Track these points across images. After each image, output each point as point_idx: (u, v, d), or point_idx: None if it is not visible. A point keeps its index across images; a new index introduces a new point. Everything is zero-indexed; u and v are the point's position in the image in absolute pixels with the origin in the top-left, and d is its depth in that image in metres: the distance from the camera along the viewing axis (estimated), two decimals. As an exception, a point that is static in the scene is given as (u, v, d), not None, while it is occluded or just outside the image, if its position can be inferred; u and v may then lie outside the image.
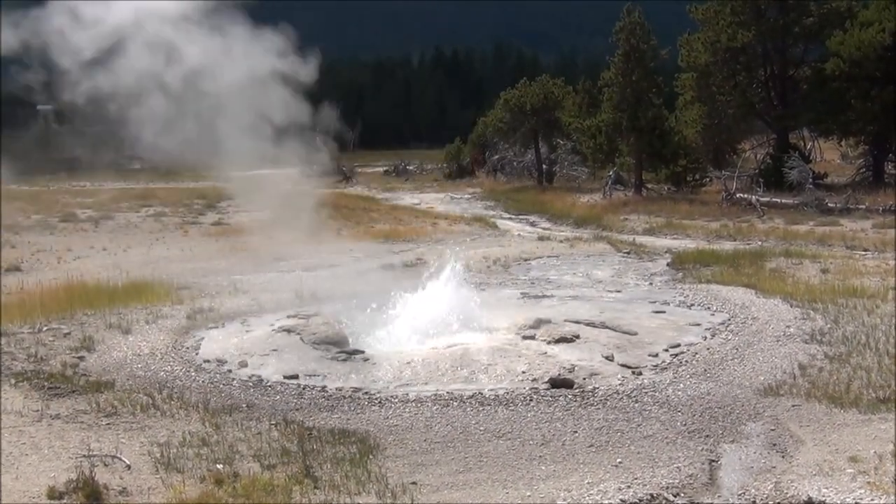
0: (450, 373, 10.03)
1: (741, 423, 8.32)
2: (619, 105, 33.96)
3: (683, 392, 9.24)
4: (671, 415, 8.55)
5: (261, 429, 8.25)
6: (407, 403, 9.08)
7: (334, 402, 9.22)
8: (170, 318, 13.03)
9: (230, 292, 15.29)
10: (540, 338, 11.21)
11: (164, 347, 11.40)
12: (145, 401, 9.00)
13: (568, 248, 21.18)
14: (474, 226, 27.17)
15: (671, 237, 24.35)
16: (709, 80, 33.91)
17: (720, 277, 15.97)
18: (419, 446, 7.90)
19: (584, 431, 8.14)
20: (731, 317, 12.69)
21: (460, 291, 12.66)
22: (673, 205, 29.99)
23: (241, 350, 11.21)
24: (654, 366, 10.30)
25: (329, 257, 20.29)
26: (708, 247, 20.80)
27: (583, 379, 9.73)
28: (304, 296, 14.48)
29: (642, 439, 7.91)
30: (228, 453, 7.53)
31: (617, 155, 35.76)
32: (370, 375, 10.08)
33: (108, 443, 7.78)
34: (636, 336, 11.56)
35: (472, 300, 12.44)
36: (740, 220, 25.94)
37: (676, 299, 14.34)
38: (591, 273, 17.68)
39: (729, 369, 10.04)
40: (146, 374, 10.27)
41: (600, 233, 25.06)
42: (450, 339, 11.24)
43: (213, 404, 9.02)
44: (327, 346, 11.14)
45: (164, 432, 8.11)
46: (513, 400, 9.09)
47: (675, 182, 35.20)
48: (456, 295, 12.46)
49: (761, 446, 7.76)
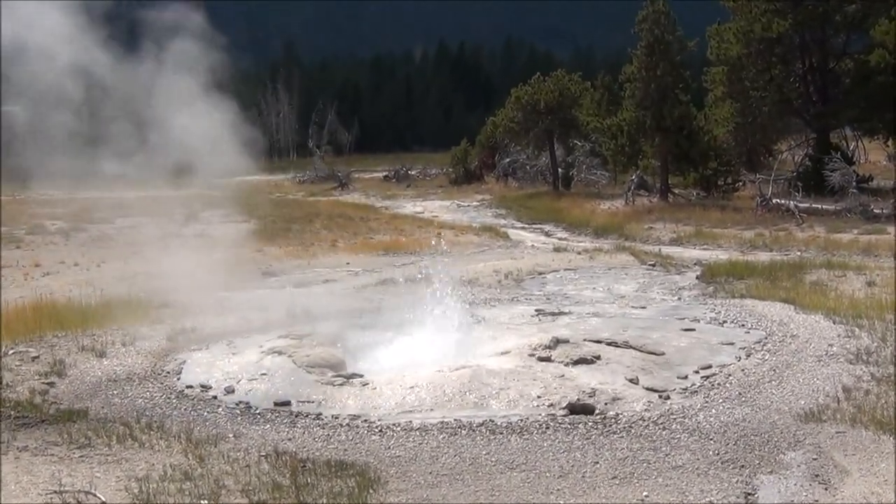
0: (457, 398, 10.02)
1: (780, 452, 8.28)
2: (642, 102, 34.00)
3: (716, 418, 9.22)
4: (702, 443, 8.53)
5: (249, 461, 8.24)
6: (410, 432, 9.07)
7: (330, 430, 9.21)
8: (148, 340, 13.03)
9: (215, 311, 15.28)
10: (557, 359, 11.20)
11: (143, 372, 11.40)
12: (122, 431, 8.99)
13: (587, 261, 21.17)
14: (483, 236, 27.19)
15: (701, 247, 24.34)
16: (741, 74, 33.89)
17: (755, 291, 15.95)
18: (424, 479, 7.88)
19: (606, 462, 8.12)
20: (767, 335, 12.66)
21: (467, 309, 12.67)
22: (702, 212, 29.98)
23: (228, 374, 11.21)
24: (682, 389, 10.28)
25: (323, 272, 20.33)
26: (742, 258, 20.77)
27: (604, 404, 9.71)
28: (297, 314, 14.47)
29: (671, 470, 7.89)
30: (214, 488, 7.52)
31: (640, 157, 35.82)
32: (370, 401, 10.07)
33: (80, 477, 7.78)
34: (663, 357, 11.55)
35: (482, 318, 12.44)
36: (777, 229, 25.92)
37: (707, 316, 14.32)
38: (612, 287, 17.67)
39: (766, 393, 10.01)
40: (123, 401, 10.27)
41: (622, 243, 25.04)
42: (457, 360, 11.23)
43: (196, 434, 9.01)
44: (322, 369, 11.14)
45: (142, 465, 8.10)
46: (527, 428, 9.07)
47: (705, 187, 35.20)
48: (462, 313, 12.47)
49: (802, 477, 7.72)
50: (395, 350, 11.88)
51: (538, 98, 42.75)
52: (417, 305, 12.63)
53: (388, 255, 23.10)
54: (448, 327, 12.23)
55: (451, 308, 12.63)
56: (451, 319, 12.36)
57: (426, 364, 11.17)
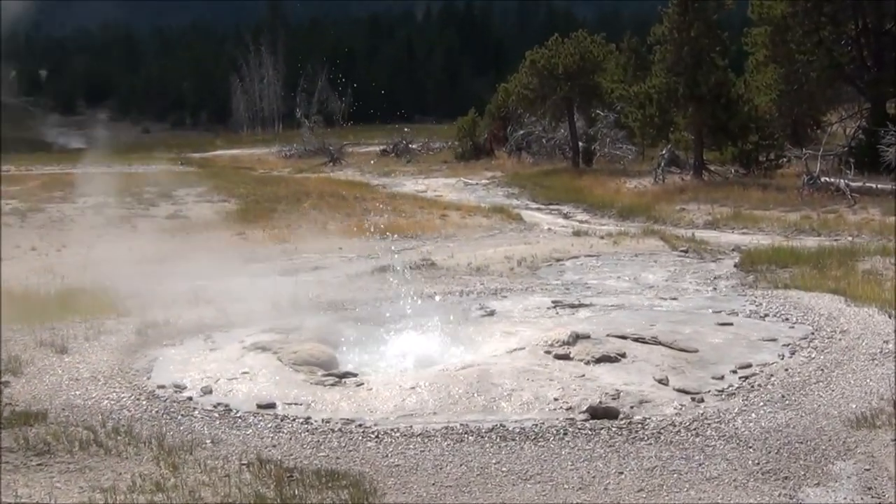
0: (464, 400, 10.03)
1: (828, 462, 8.29)
2: (673, 67, 33.93)
3: (756, 424, 9.22)
4: (740, 452, 8.53)
5: (229, 470, 8.25)
6: (411, 438, 9.08)
7: (320, 436, 9.23)
8: (115, 334, 13.05)
9: (190, 301, 15.31)
10: (576, 357, 11.21)
11: (109, 370, 11.41)
12: (85, 436, 9.01)
13: (611, 246, 21.16)
14: (494, 218, 27.19)
15: (739, 231, 24.32)
16: (786, 35, 33.75)
17: (801, 282, 15.93)
18: (426, 492, 7.90)
19: (631, 473, 8.13)
20: (814, 330, 12.66)
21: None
22: (742, 191, 29.94)
23: (205, 373, 11.22)
24: (718, 391, 10.28)
25: (313, 258, 20.35)
26: (786, 243, 20.74)
27: (630, 408, 9.72)
28: (283, 306, 14.50)
29: (704, 482, 7.90)
30: (189, 500, 7.54)
31: (671, 129, 35.72)
32: (365, 404, 10.08)
33: (39, 488, 7.79)
34: (696, 354, 11.55)
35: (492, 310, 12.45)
36: (826, 211, 25.88)
37: (746, 308, 14.32)
38: (639, 276, 17.67)
39: (812, 395, 10.01)
40: (86, 402, 10.28)
41: (651, 226, 25.00)
42: (464, 358, 11.24)
43: (169, 440, 9.03)
44: (311, 367, 11.16)
45: (108, 475, 8.12)
46: (543, 434, 9.08)
47: (745, 163, 35.15)
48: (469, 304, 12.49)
49: (853, 490, 7.73)
50: (394, 346, 11.89)
51: (556, 62, 42.61)
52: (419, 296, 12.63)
53: (386, 238, 23.09)
54: (453, 320, 12.23)
55: (457, 299, 12.64)
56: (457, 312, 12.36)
57: (428, 362, 11.19)
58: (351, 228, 25.04)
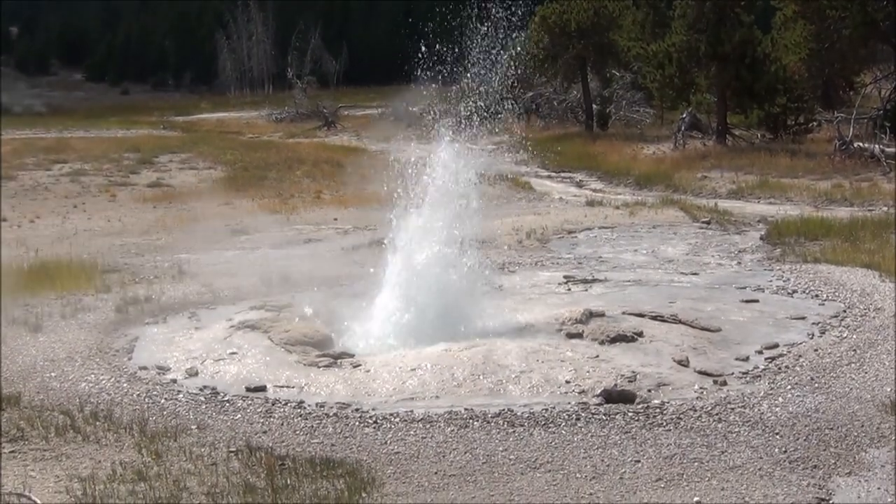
0: (469, 383, 10.04)
1: (860, 450, 8.29)
2: (695, 24, 33.82)
3: (783, 408, 9.22)
4: (766, 438, 8.53)
5: (216, 458, 8.26)
6: (411, 424, 9.08)
7: (314, 422, 9.23)
8: (93, 311, 13.07)
9: (174, 276, 15.32)
10: (589, 336, 11.21)
11: (87, 350, 11.42)
12: (62, 421, 9.02)
13: (627, 217, 21.16)
14: (500, 186, 27.19)
15: (766, 201, 24.31)
16: (817, -11, 33.68)
17: (832, 255, 15.92)
18: (428, 481, 7.89)
19: (649, 461, 8.13)
20: (846, 307, 12.66)
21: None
22: (768, 158, 29.91)
23: (189, 353, 11.24)
24: (742, 373, 10.28)
25: (306, 229, 20.34)
26: (816, 214, 20.74)
27: (647, 391, 9.73)
28: (273, 281, 14.51)
29: (727, 471, 7.89)
30: (173, 490, 7.55)
31: (693, 91, 35.62)
32: (362, 387, 10.09)
33: (13, 477, 7.81)
34: (719, 334, 11.56)
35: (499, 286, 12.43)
36: (859, 179, 25.84)
37: (773, 284, 14.33)
38: (658, 250, 17.67)
39: (844, 378, 10.01)
40: (62, 385, 10.29)
41: (670, 196, 25.02)
42: (469, 337, 11.22)
43: (152, 425, 9.04)
44: (304, 347, 11.16)
45: (86, 463, 8.13)
46: (553, 419, 9.08)
47: (772, 127, 35.09)
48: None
49: (886, 480, 7.72)
50: (393, 324, 11.86)
51: (568, 18, 42.43)
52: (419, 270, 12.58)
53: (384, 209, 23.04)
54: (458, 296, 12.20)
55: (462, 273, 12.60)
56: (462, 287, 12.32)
57: (431, 341, 11.18)
58: (346, 198, 25.03)
